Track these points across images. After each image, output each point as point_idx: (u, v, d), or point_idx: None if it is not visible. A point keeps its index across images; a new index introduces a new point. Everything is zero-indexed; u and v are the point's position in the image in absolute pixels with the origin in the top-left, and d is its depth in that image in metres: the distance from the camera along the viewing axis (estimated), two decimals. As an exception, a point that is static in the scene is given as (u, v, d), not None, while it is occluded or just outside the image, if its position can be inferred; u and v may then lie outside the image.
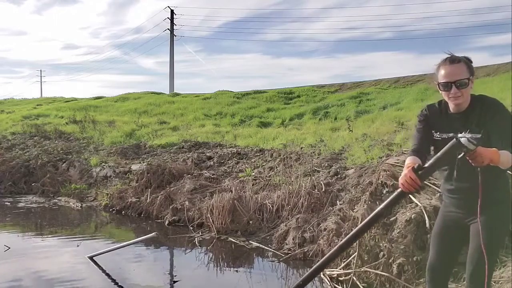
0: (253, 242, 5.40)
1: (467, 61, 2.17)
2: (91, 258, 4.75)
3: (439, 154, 2.01)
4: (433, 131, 2.27)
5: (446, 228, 2.34)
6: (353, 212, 4.35)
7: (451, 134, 2.13)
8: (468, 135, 1.92)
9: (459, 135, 1.94)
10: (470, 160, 1.94)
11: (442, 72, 2.15)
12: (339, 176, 6.24)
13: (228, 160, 8.66)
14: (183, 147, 10.34)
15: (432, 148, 2.33)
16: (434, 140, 2.27)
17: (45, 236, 6.08)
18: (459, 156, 1.94)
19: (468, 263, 2.18)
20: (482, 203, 2.06)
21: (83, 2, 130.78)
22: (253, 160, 8.45)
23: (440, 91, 2.21)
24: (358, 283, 3.71)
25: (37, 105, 21.90)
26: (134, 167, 8.92)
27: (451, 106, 2.20)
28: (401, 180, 2.07)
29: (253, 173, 7.31)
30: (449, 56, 2.18)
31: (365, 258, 3.80)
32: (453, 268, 2.45)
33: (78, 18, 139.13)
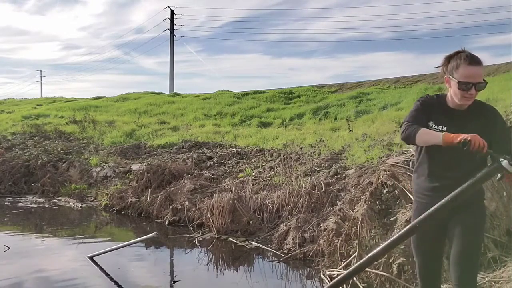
0: (253, 242, 5.40)
1: None
2: (91, 258, 4.75)
3: (479, 176, 2.05)
4: (430, 122, 2.23)
5: (425, 236, 2.29)
6: (353, 212, 4.34)
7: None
8: (510, 158, 1.98)
9: (500, 158, 1.99)
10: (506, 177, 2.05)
11: (464, 71, 2.11)
12: (339, 176, 6.24)
13: (228, 160, 8.66)
14: (183, 147, 10.34)
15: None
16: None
17: (45, 236, 6.08)
18: (498, 179, 2.10)
19: (456, 264, 2.14)
20: (469, 203, 2.17)
21: (83, 2, 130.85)
22: (253, 160, 8.45)
23: (453, 88, 2.17)
24: (358, 283, 3.71)
25: (37, 105, 21.92)
26: (134, 167, 8.92)
27: (456, 103, 2.19)
28: (474, 137, 1.94)
29: (253, 173, 7.31)
30: (470, 54, 2.14)
31: (365, 258, 3.79)
32: (441, 269, 2.44)
33: (79, 18, 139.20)
